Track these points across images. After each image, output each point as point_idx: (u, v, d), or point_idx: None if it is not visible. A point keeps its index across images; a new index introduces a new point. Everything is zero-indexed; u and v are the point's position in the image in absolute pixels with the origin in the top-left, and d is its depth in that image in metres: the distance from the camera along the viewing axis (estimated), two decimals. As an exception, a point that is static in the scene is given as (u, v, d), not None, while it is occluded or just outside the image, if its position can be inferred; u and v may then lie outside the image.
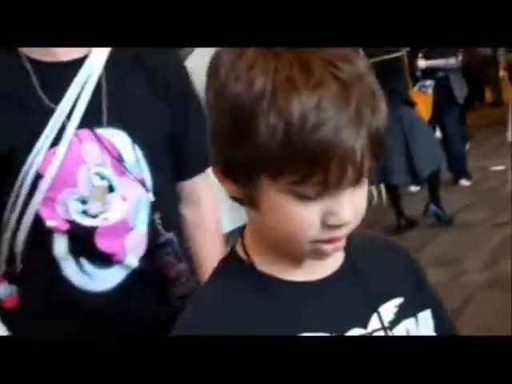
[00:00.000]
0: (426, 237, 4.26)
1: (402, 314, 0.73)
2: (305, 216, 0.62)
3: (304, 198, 0.61)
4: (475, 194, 5.07)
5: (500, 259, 3.63)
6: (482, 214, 4.51)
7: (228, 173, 0.65)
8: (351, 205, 0.63)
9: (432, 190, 4.48)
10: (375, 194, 4.86)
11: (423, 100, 4.94)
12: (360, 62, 0.62)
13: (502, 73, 8.43)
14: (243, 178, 0.64)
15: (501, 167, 5.65)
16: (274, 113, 0.58)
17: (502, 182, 5.25)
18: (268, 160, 0.59)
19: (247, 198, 0.66)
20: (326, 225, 0.62)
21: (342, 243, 0.66)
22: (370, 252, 0.76)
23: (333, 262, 0.71)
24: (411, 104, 4.30)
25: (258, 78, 0.59)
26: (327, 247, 0.65)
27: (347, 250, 0.70)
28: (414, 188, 5.22)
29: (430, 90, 5.02)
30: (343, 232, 0.64)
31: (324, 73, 0.58)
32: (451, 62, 5.08)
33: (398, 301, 0.74)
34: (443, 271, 3.62)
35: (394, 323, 0.72)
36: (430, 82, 4.97)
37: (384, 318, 0.71)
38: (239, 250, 0.72)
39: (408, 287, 0.76)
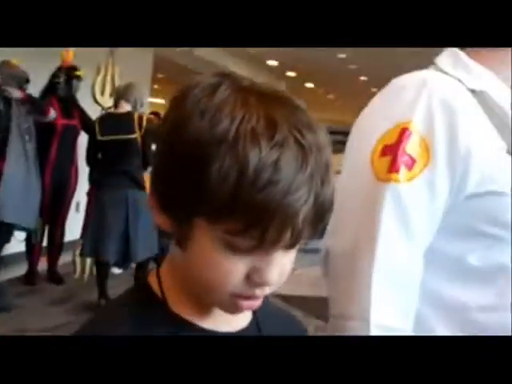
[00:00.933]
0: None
1: None
2: (232, 267, 0.61)
3: (235, 249, 0.60)
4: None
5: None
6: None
7: (165, 207, 0.62)
8: (279, 266, 0.63)
9: (138, 274, 4.48)
10: (78, 266, 4.69)
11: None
12: (322, 134, 0.63)
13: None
14: (180, 216, 0.61)
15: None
16: (231, 159, 0.57)
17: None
18: (210, 203, 0.57)
19: (178, 236, 0.63)
20: (249, 281, 0.62)
21: (259, 302, 0.65)
22: (274, 319, 0.75)
23: (242, 319, 0.71)
24: (142, 187, 4.31)
25: (224, 120, 0.58)
26: (244, 303, 0.64)
27: (256, 311, 0.70)
28: (116, 270, 5.17)
29: None
30: (264, 291, 0.64)
31: (288, 134, 0.59)
32: None
33: None
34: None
35: None
36: None
37: None
38: (153, 284, 0.68)
39: None
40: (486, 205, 0.95)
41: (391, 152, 0.93)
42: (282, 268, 0.64)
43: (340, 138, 1.14)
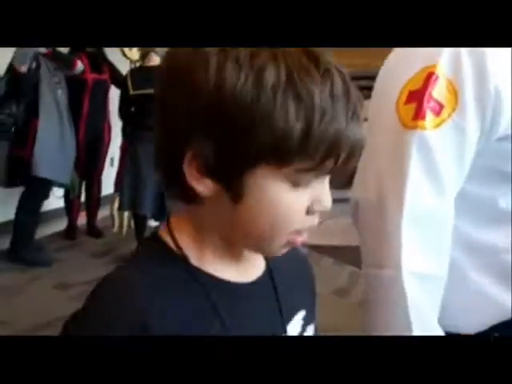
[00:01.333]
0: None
1: (303, 327, 0.76)
2: (297, 203, 0.62)
3: (298, 185, 0.61)
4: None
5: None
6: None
7: (215, 169, 0.61)
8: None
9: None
10: (117, 220, 4.77)
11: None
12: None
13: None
14: (234, 173, 0.61)
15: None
16: (294, 99, 0.57)
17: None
18: (283, 148, 0.58)
19: (229, 193, 0.62)
20: (310, 212, 0.63)
21: (306, 237, 0.67)
22: (284, 262, 0.75)
23: (258, 268, 0.72)
24: None
25: (269, 66, 0.58)
26: (299, 239, 0.66)
27: (268, 258, 0.72)
28: (153, 223, 5.26)
29: None
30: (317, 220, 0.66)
31: (328, 63, 0.60)
32: None
33: (303, 313, 0.76)
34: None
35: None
36: None
37: (292, 333, 0.73)
38: (168, 241, 0.68)
39: (309, 300, 0.79)
40: None
41: (417, 98, 0.91)
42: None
43: (364, 84, 1.12)
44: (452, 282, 0.94)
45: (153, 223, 4.89)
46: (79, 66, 4.44)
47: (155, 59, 4.26)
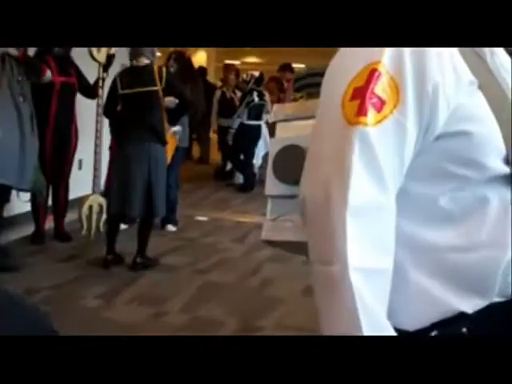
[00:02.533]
0: (132, 275, 4.29)
1: None
2: None
3: None
4: (180, 239, 5.30)
5: (199, 303, 3.83)
6: (185, 260, 4.72)
7: None
8: None
9: (142, 230, 4.49)
10: (85, 223, 4.73)
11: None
12: None
13: (212, 134, 9.15)
14: None
15: (204, 218, 6.05)
16: None
17: (204, 232, 5.61)
18: None
19: None
20: None
21: None
22: None
23: None
24: (163, 141, 4.32)
25: None
26: None
27: None
28: (122, 225, 5.22)
29: (177, 136, 5.12)
30: None
31: None
32: None
33: None
34: (146, 310, 3.68)
35: None
36: (178, 128, 5.06)
37: None
38: None
39: None
40: (457, 145, 0.95)
41: (360, 95, 0.92)
42: None
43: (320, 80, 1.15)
44: (393, 280, 0.95)
45: (122, 226, 4.88)
46: (48, 74, 4.40)
47: (143, 59, 4.26)
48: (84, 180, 5.10)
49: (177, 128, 4.99)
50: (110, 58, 4.69)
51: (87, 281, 4.11)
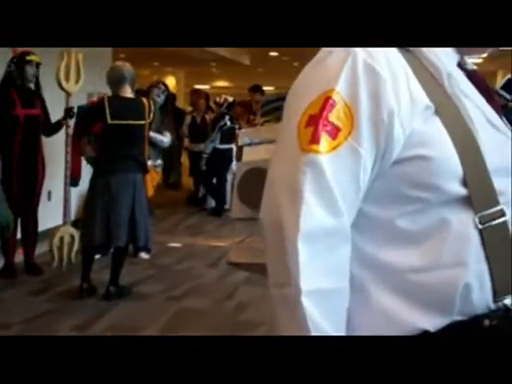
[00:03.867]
0: (105, 305, 4.24)
1: None
2: None
3: None
4: (153, 267, 5.26)
5: (174, 331, 3.80)
6: (159, 287, 4.68)
7: None
8: None
9: (116, 258, 4.47)
10: (56, 255, 4.67)
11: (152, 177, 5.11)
12: None
13: (183, 159, 9.15)
14: None
15: (177, 244, 6.02)
16: None
17: (177, 258, 5.58)
18: None
19: None
20: None
21: None
22: None
23: None
24: (145, 171, 4.41)
25: None
26: None
27: None
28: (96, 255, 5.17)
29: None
30: None
31: None
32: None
33: None
34: (120, 340, 3.63)
35: None
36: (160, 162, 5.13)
37: None
38: None
39: None
40: (413, 170, 0.97)
41: (314, 122, 0.94)
42: None
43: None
44: (355, 301, 0.96)
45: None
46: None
47: (128, 90, 4.30)
48: (53, 211, 5.05)
49: (159, 161, 5.06)
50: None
51: (60, 313, 4.05)
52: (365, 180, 0.96)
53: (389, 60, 0.97)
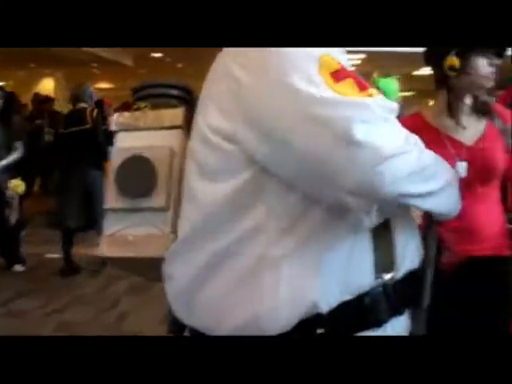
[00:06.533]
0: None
1: None
2: None
3: None
4: (29, 280, 5.00)
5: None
6: (36, 302, 4.45)
7: None
8: None
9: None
10: None
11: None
12: None
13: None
14: None
15: (55, 255, 5.76)
16: None
17: (54, 269, 5.32)
18: None
19: None
20: None
21: None
22: None
23: None
24: (101, 169, 5.13)
25: None
26: None
27: None
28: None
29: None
30: None
31: None
32: None
33: None
34: None
35: None
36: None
37: None
38: None
39: None
40: None
41: (344, 75, 0.99)
42: None
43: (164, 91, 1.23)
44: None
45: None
46: None
47: (81, 104, 5.37)
48: None
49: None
50: None
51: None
52: None
53: None
